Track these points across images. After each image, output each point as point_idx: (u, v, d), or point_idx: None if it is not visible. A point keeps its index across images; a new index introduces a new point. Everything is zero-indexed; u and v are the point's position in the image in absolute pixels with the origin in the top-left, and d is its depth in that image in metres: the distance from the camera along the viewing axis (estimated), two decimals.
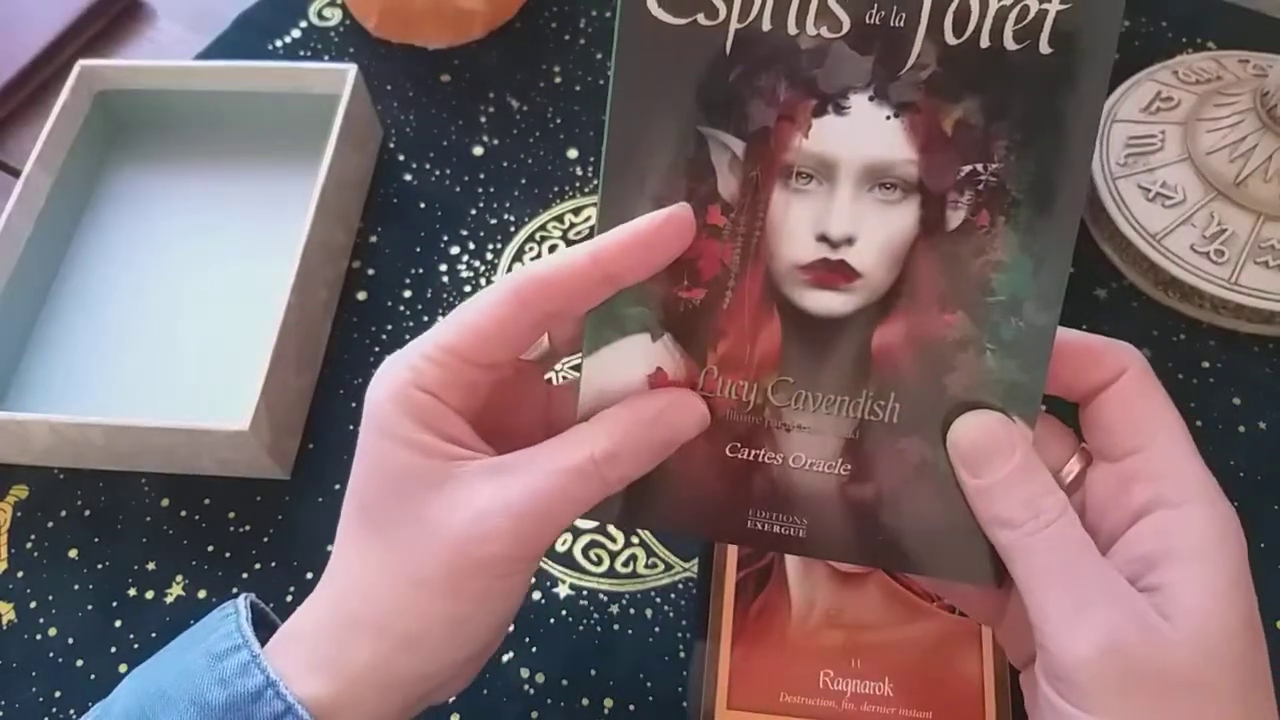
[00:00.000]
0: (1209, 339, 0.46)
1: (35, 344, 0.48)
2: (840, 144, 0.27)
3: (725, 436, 0.29)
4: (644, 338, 0.28)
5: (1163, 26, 0.55)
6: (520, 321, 0.27)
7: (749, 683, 0.35)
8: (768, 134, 0.27)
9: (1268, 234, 0.45)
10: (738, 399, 0.29)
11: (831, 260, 0.27)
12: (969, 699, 0.34)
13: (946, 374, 0.28)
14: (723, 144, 0.27)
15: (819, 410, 0.28)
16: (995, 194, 0.27)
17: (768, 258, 0.28)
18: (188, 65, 0.53)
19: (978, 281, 0.27)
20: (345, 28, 0.58)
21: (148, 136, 0.53)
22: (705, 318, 0.28)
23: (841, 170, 0.27)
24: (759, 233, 0.28)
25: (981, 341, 0.28)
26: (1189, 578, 0.25)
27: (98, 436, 0.42)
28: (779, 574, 0.37)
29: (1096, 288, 0.47)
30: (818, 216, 0.27)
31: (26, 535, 0.44)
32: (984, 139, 0.27)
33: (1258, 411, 0.44)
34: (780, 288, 0.28)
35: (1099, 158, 0.48)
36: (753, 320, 0.28)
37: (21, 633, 0.41)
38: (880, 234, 0.27)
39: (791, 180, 0.27)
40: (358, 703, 0.27)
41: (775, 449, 0.29)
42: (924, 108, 0.27)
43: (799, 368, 0.28)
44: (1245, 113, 0.46)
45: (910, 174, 0.27)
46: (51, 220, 0.49)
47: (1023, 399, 0.28)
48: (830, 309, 0.28)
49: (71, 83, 0.51)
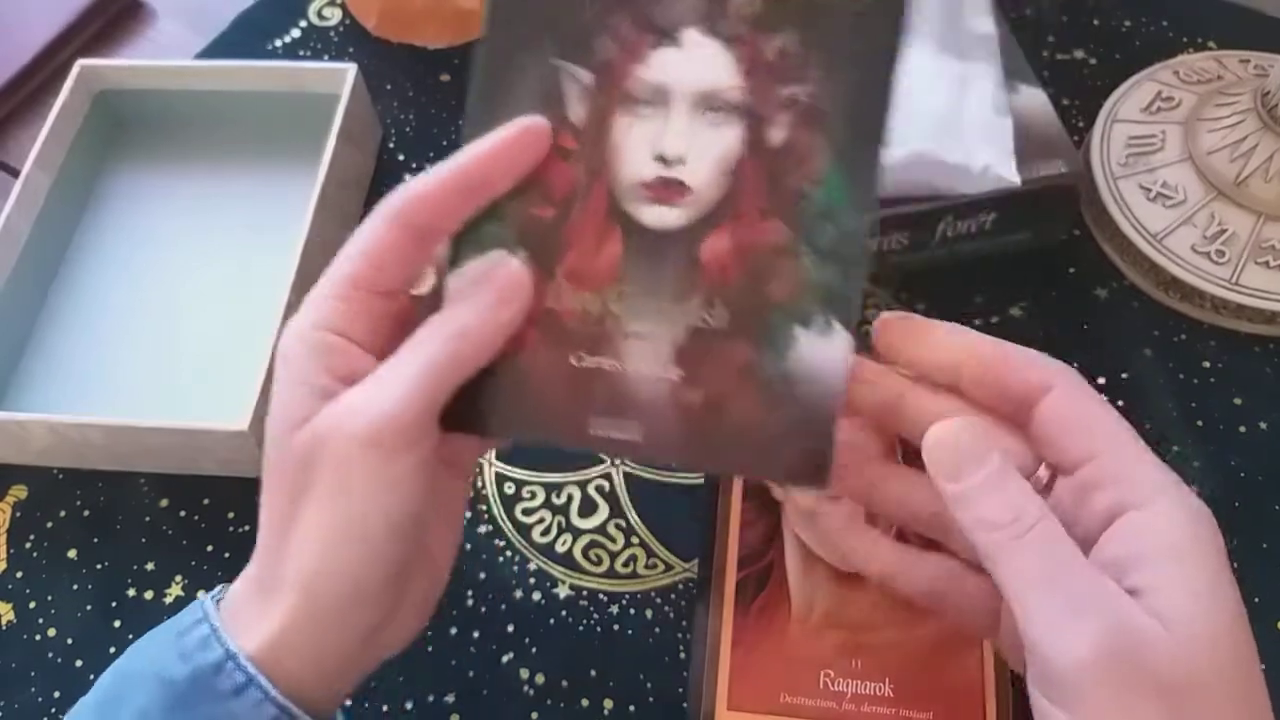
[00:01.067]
0: (1210, 339, 0.45)
1: (34, 344, 0.47)
2: (674, 73, 0.30)
3: (570, 345, 0.30)
4: (501, 254, 0.30)
5: (1163, 26, 0.55)
6: (403, 243, 0.29)
7: (749, 683, 0.35)
8: (611, 65, 0.30)
9: (1268, 234, 0.45)
10: (582, 309, 0.30)
11: (666, 177, 0.30)
12: (969, 700, 0.34)
13: (769, 281, 0.30)
14: (573, 75, 0.30)
15: (654, 318, 0.30)
16: (811, 114, 0.30)
17: (610, 177, 0.30)
18: (187, 65, 0.53)
19: (796, 193, 0.30)
20: (345, 27, 0.58)
21: (147, 136, 0.53)
22: (555, 233, 0.30)
23: (675, 96, 0.30)
24: (603, 154, 0.30)
25: (800, 247, 0.30)
26: (1169, 579, 0.25)
27: (97, 436, 0.42)
28: (779, 574, 0.37)
29: (1097, 288, 0.47)
30: (654, 138, 0.30)
31: (26, 535, 0.43)
32: (801, 66, 0.30)
33: (1259, 412, 0.44)
34: (621, 204, 0.30)
35: (1100, 157, 0.48)
36: (596, 235, 0.30)
37: (21, 633, 0.41)
38: (710, 153, 0.30)
39: (631, 106, 0.30)
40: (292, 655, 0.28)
41: (615, 356, 0.30)
42: (748, 39, 0.30)
43: (637, 278, 0.30)
44: (1246, 113, 0.46)
45: (736, 98, 0.30)
46: (50, 220, 0.49)
47: (840, 304, 0.30)
48: (665, 222, 0.30)
49: (71, 82, 0.51)
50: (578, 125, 0.30)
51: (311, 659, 0.28)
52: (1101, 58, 0.54)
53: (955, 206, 0.43)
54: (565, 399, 0.30)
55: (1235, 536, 0.40)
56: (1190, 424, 0.43)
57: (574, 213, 0.31)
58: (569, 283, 0.31)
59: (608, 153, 0.31)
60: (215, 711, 0.27)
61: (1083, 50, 0.54)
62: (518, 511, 0.43)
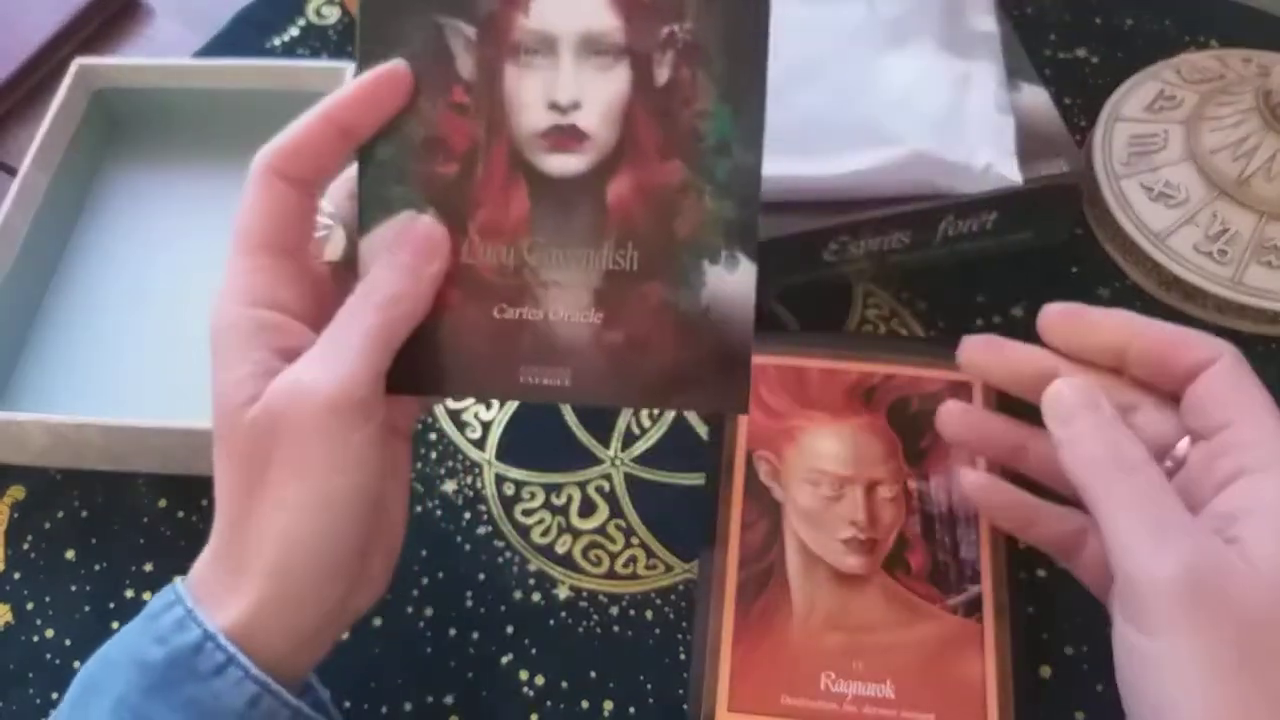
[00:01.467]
0: None
1: (32, 344, 0.47)
2: (556, 19, 0.31)
3: (492, 299, 0.31)
4: (409, 214, 0.31)
5: (1165, 25, 0.54)
6: (289, 199, 0.29)
7: (750, 685, 0.35)
8: (494, 17, 0.31)
9: (1271, 234, 0.45)
10: (499, 263, 0.31)
11: (563, 125, 0.31)
12: (971, 700, 0.34)
13: (673, 218, 0.31)
14: (457, 30, 0.31)
15: (569, 265, 0.31)
16: (692, 51, 0.31)
17: (509, 129, 0.31)
18: (185, 64, 0.53)
19: (688, 130, 0.31)
20: (344, 25, 0.58)
21: (145, 135, 0.53)
22: (461, 190, 0.31)
23: (561, 43, 0.31)
24: (499, 107, 0.31)
25: (699, 184, 0.31)
26: (1264, 529, 0.27)
27: (95, 436, 0.42)
28: (780, 576, 0.37)
29: (1099, 287, 0.47)
30: (546, 87, 0.31)
31: (23, 536, 0.43)
32: (677, 4, 0.31)
33: None
34: (523, 155, 0.31)
35: (1102, 156, 0.48)
36: (503, 188, 0.31)
37: (18, 634, 0.41)
38: (601, 96, 0.31)
39: (520, 56, 0.31)
40: (266, 630, 0.28)
41: (536, 306, 0.31)
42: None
43: (547, 228, 0.31)
44: (1248, 111, 0.45)
45: (619, 40, 0.31)
46: (48, 219, 0.49)
47: (741, 235, 0.31)
48: (567, 169, 0.31)
49: (68, 81, 0.50)
50: (469, 80, 0.31)
51: (285, 632, 0.28)
52: (1103, 56, 0.53)
53: (957, 205, 0.43)
54: (493, 351, 0.31)
55: None
56: None
57: (478, 168, 0.31)
58: (482, 237, 0.31)
59: (503, 105, 0.31)
60: (197, 692, 0.27)
61: (1085, 48, 0.54)
62: (517, 512, 0.42)
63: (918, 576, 0.36)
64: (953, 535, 0.37)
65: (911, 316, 0.46)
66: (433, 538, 0.42)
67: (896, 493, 0.38)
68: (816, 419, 0.40)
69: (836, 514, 0.38)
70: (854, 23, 0.47)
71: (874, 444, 0.39)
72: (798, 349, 0.41)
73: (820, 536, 0.37)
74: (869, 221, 0.43)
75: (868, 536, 0.37)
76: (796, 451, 0.39)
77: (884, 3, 0.47)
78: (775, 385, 0.40)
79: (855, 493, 0.38)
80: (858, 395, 0.40)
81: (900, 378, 0.40)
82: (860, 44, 0.46)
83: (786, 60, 0.46)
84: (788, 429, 0.40)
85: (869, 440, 0.39)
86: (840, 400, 0.40)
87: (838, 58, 0.46)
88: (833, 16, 0.47)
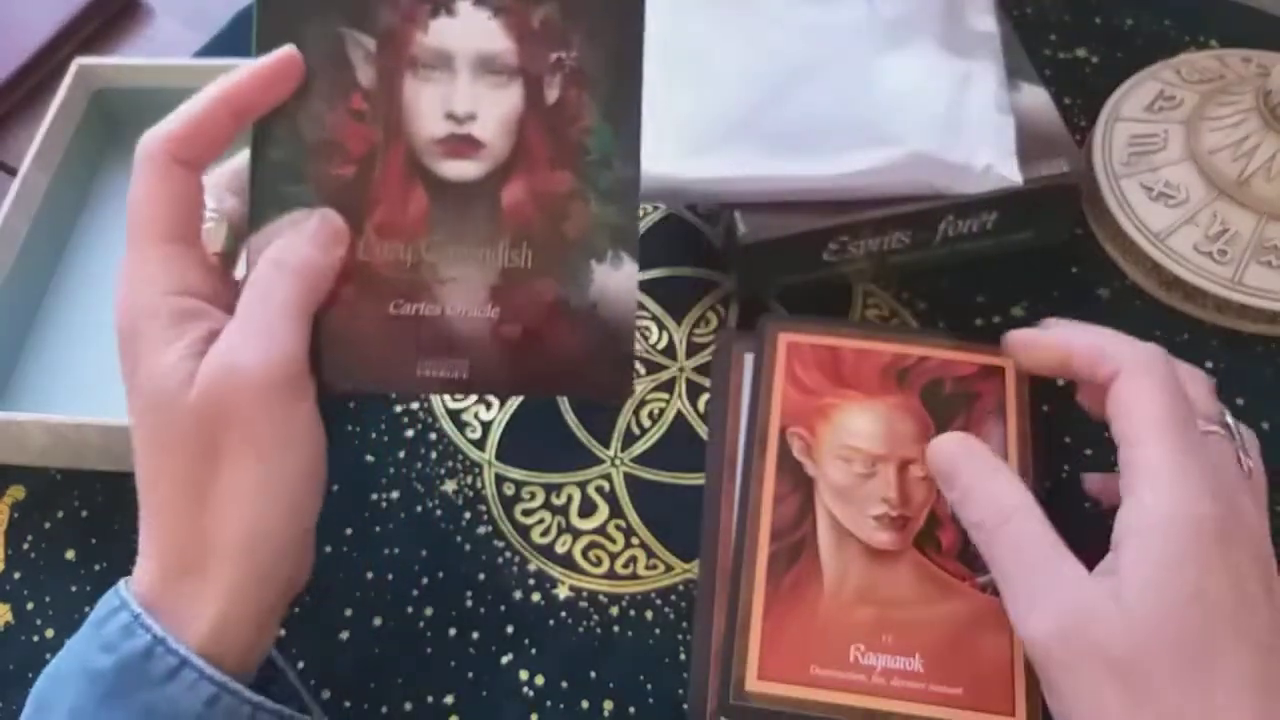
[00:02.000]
0: (1212, 339, 0.45)
1: (32, 344, 0.47)
2: (453, 39, 0.34)
3: (389, 295, 0.33)
4: (303, 211, 0.33)
5: (1165, 25, 0.54)
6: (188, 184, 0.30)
7: (779, 655, 0.35)
8: (394, 32, 0.33)
9: (1271, 234, 0.45)
10: (396, 260, 0.33)
11: (459, 134, 0.34)
12: (999, 677, 0.34)
13: (563, 221, 0.34)
14: (358, 41, 0.33)
15: (467, 263, 0.33)
16: (578, 75, 0.34)
17: (407, 136, 0.33)
18: (185, 63, 0.53)
19: (575, 144, 0.34)
20: None
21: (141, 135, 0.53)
22: (358, 191, 0.33)
23: (458, 60, 0.34)
24: (397, 114, 0.33)
25: (586, 192, 0.34)
26: (1134, 561, 0.28)
27: (95, 437, 0.42)
28: (811, 549, 0.37)
29: (1099, 287, 0.47)
30: (444, 99, 0.34)
31: (23, 536, 0.43)
32: (563, 33, 0.34)
33: (1261, 412, 0.43)
34: (421, 160, 0.34)
35: (1102, 156, 0.48)
36: (401, 190, 0.33)
37: (19, 634, 0.41)
38: (496, 110, 0.34)
39: (419, 70, 0.34)
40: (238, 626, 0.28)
41: (434, 301, 0.33)
42: (515, 10, 0.34)
43: (445, 227, 0.34)
44: (1248, 111, 0.45)
45: (512, 61, 0.34)
46: (48, 219, 0.49)
47: (624, 238, 0.34)
48: (463, 174, 0.34)
49: (68, 81, 0.50)
50: (367, 88, 0.33)
51: (253, 624, 0.28)
52: (1103, 56, 0.53)
53: (957, 206, 0.43)
54: (391, 345, 0.33)
55: None
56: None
57: (375, 170, 0.33)
58: (379, 236, 0.33)
59: (401, 113, 0.33)
60: (151, 698, 0.27)
61: (1085, 48, 0.54)
62: (517, 512, 0.42)
63: (948, 554, 0.36)
64: None
65: (911, 317, 0.46)
66: (433, 538, 0.42)
67: (928, 472, 0.38)
68: (850, 397, 0.40)
69: (869, 491, 0.38)
70: (854, 23, 0.47)
71: (907, 423, 0.39)
72: (831, 330, 0.41)
73: (852, 512, 0.37)
74: (869, 221, 0.43)
75: (899, 514, 0.37)
76: (830, 428, 0.39)
77: (884, 3, 0.47)
78: (809, 363, 0.41)
79: (888, 471, 0.38)
80: (891, 375, 0.40)
81: (933, 360, 0.41)
82: (860, 44, 0.46)
83: (787, 60, 0.46)
84: (821, 406, 0.40)
85: (902, 419, 0.39)
86: (874, 380, 0.40)
87: (838, 58, 0.46)
88: (833, 17, 0.47)
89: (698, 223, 0.49)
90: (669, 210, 0.49)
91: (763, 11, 0.48)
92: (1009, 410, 0.39)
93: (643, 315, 0.47)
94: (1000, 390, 0.40)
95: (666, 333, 0.46)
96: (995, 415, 0.39)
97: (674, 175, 0.43)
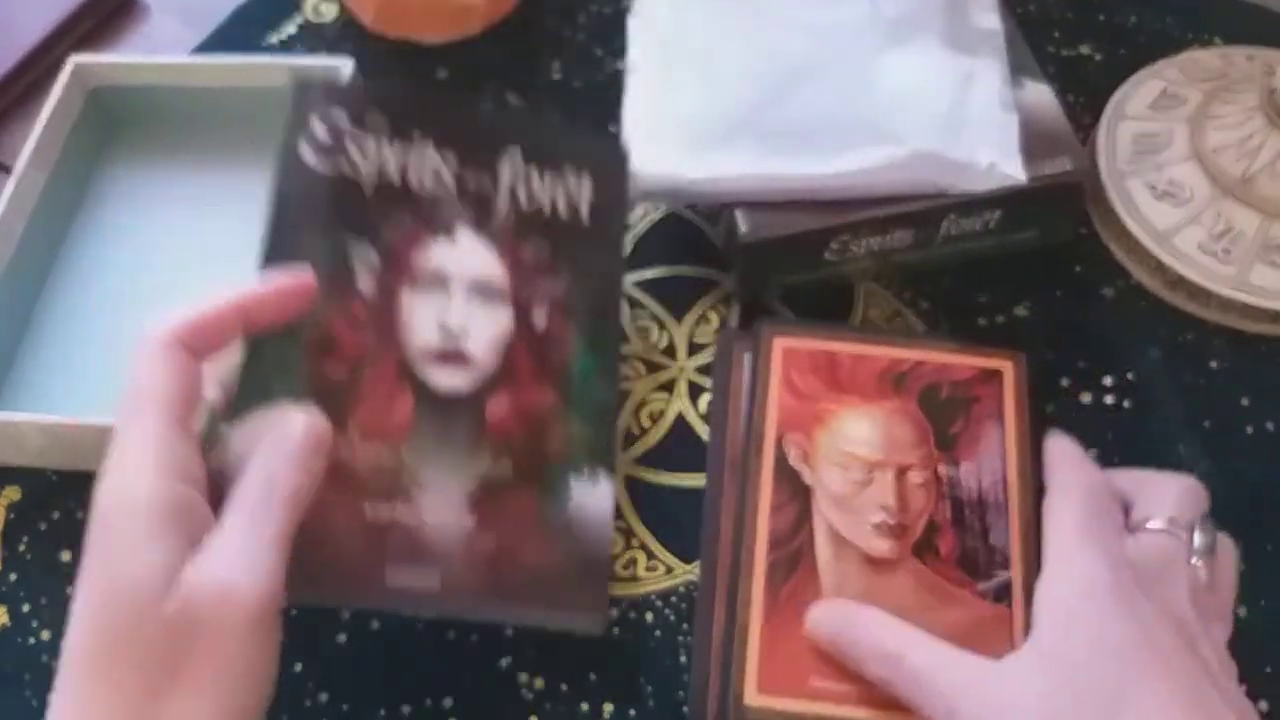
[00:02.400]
0: (1216, 339, 0.45)
1: (28, 343, 0.47)
2: (452, 262, 0.36)
3: (364, 495, 0.33)
4: (288, 409, 0.32)
5: (1169, 23, 0.54)
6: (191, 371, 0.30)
7: (778, 667, 0.34)
8: (397, 250, 0.36)
9: (1275, 233, 0.44)
10: (376, 462, 0.33)
11: (450, 348, 0.36)
12: None
13: (544, 437, 0.36)
14: (363, 254, 0.35)
15: (446, 469, 0.33)
16: (563, 306, 0.38)
17: (401, 345, 0.35)
18: (181, 61, 0.53)
19: (559, 367, 0.37)
20: (341, 23, 0.58)
21: (142, 133, 0.53)
22: (347, 391, 0.33)
23: (454, 282, 0.36)
24: (393, 324, 0.35)
25: (567, 411, 0.36)
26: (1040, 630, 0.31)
27: (91, 437, 0.41)
28: (809, 559, 0.36)
29: (1104, 286, 0.47)
30: (439, 314, 0.36)
31: (19, 538, 0.43)
32: (552, 268, 0.38)
33: (1265, 412, 0.43)
34: (412, 367, 0.35)
35: (1106, 155, 0.48)
36: (388, 395, 0.34)
37: (14, 636, 0.41)
38: (487, 329, 0.36)
39: (417, 285, 0.36)
40: None
41: (410, 504, 0.33)
42: (509, 243, 0.37)
43: (428, 434, 0.34)
44: (1253, 110, 0.45)
45: (504, 287, 0.37)
46: (44, 218, 0.49)
47: (602, 456, 0.37)
48: (452, 385, 0.35)
49: (64, 79, 0.50)
50: (366, 295, 0.35)
51: None
52: (1107, 54, 0.53)
53: (959, 204, 0.43)
54: (361, 551, 0.31)
55: (1240, 538, 0.40)
56: (1197, 424, 0.43)
57: (366, 373, 0.34)
58: (361, 436, 0.33)
59: (397, 322, 0.35)
60: None
61: (1089, 46, 0.54)
62: None
63: (947, 561, 0.36)
64: (983, 521, 0.37)
65: (914, 316, 0.46)
66: None
67: (927, 478, 0.37)
68: (847, 402, 0.39)
69: (867, 498, 0.37)
70: (857, 21, 0.47)
71: (905, 429, 0.39)
72: (827, 334, 0.41)
73: (850, 520, 0.37)
74: (871, 220, 0.43)
75: (898, 521, 0.37)
76: (827, 435, 0.39)
77: (886, 1, 0.47)
78: (805, 368, 0.40)
79: (886, 477, 0.38)
80: (888, 380, 0.40)
81: (930, 364, 0.40)
82: (863, 42, 0.46)
83: (789, 59, 0.46)
84: (818, 412, 0.39)
85: (900, 425, 0.39)
86: (871, 385, 0.40)
87: (841, 56, 0.45)
88: (835, 15, 0.47)
89: (698, 222, 0.49)
90: (670, 209, 0.49)
91: (764, 10, 0.48)
92: (1008, 413, 0.39)
93: (643, 315, 0.47)
94: (999, 394, 0.40)
95: (667, 333, 0.46)
96: (994, 419, 0.39)
97: (675, 174, 0.43)
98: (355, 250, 0.35)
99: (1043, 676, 0.30)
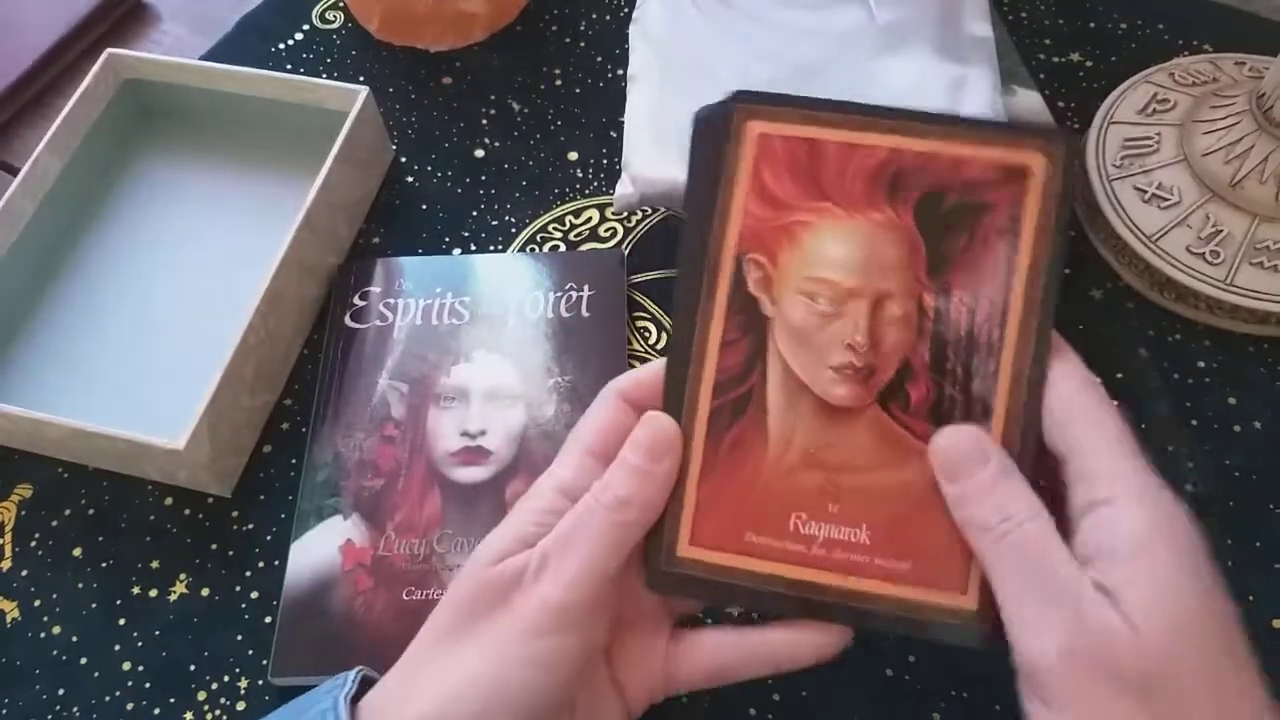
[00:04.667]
0: (1204, 339, 0.46)
1: (27, 330, 0.48)
2: (469, 379, 0.45)
3: (402, 584, 0.40)
4: (337, 519, 0.41)
5: (1159, 29, 0.55)
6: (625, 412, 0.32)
7: (714, 520, 0.31)
8: (424, 379, 0.45)
9: (1263, 235, 0.45)
10: (410, 553, 0.40)
11: (471, 447, 0.43)
12: (952, 552, 0.30)
13: None
14: (395, 388, 0.44)
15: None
16: (569, 394, 0.44)
17: (428, 451, 0.43)
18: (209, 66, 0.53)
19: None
20: (347, 30, 0.59)
21: (168, 132, 0.54)
22: (384, 498, 0.42)
23: (473, 393, 0.44)
24: (421, 437, 0.43)
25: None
26: (1130, 576, 0.26)
27: (54, 434, 0.42)
28: (758, 403, 0.32)
29: (1092, 288, 0.47)
30: (460, 421, 0.43)
31: (31, 534, 0.44)
32: (561, 364, 0.45)
33: (1253, 411, 0.44)
34: (439, 469, 0.42)
35: (1095, 159, 0.49)
36: (419, 495, 0.42)
37: (25, 631, 0.41)
38: (502, 427, 0.43)
39: (440, 401, 0.44)
40: None
41: (442, 587, 0.39)
42: (519, 353, 0.45)
43: (456, 522, 0.41)
44: (1241, 114, 0.46)
45: (516, 389, 0.44)
46: (57, 206, 0.49)
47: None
48: (474, 478, 0.42)
49: (96, 69, 0.51)
50: (399, 419, 0.43)
51: None
52: (1097, 60, 0.54)
53: None
54: (399, 634, 0.33)
55: (1229, 536, 0.41)
56: (1185, 424, 0.44)
57: (400, 481, 0.42)
58: (398, 534, 0.41)
59: (424, 435, 0.43)
60: None
61: (1078, 53, 0.54)
62: None
63: (916, 412, 0.30)
64: (967, 365, 0.30)
65: None
66: None
67: (908, 310, 0.31)
68: (825, 213, 0.32)
69: (832, 334, 0.31)
70: (851, 28, 0.47)
71: (891, 247, 0.31)
72: (816, 115, 0.32)
73: (809, 361, 0.31)
74: None
75: (865, 363, 0.31)
76: (796, 254, 0.32)
77: (881, 8, 0.48)
78: (779, 164, 0.32)
79: (859, 308, 0.31)
80: (881, 183, 0.31)
81: (940, 160, 0.31)
82: (857, 49, 0.46)
83: (785, 65, 0.47)
84: (788, 225, 0.32)
85: (886, 243, 0.31)
86: (858, 189, 0.31)
87: (835, 62, 0.46)
88: (830, 22, 0.48)
89: None
90: (669, 211, 0.50)
91: (760, 17, 0.49)
92: (1024, 229, 0.30)
93: (643, 316, 0.47)
94: (1018, 199, 0.30)
95: (667, 334, 0.47)
96: (1005, 236, 0.30)
97: (674, 177, 0.44)
98: (390, 385, 0.44)
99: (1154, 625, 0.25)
